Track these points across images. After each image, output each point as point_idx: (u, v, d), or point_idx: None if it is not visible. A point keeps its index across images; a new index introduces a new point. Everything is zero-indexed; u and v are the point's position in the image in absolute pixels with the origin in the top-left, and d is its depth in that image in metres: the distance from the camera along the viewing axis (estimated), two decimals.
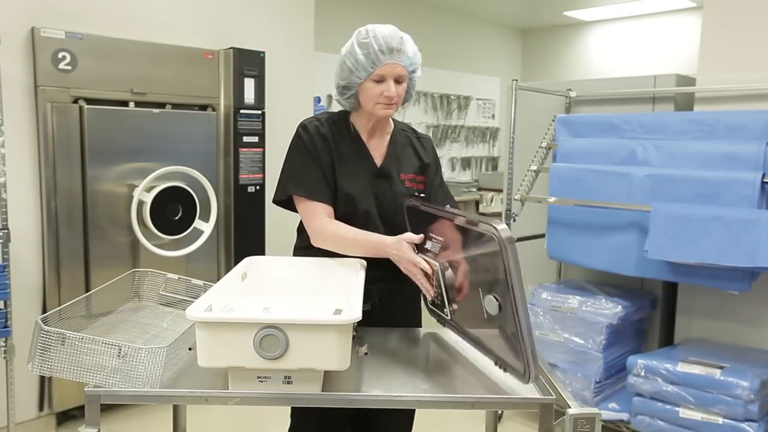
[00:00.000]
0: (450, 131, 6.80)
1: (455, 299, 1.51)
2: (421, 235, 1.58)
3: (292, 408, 1.82)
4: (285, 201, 1.80)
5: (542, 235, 3.17)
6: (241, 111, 3.46)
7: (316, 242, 1.74)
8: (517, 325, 1.25)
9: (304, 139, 1.76)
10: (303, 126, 1.78)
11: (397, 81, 1.68)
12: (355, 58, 1.66)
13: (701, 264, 2.48)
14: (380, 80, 1.66)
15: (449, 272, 1.48)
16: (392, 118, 1.87)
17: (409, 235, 1.58)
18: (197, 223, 3.28)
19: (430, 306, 1.67)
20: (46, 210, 2.94)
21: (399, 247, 1.57)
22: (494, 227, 1.28)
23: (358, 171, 1.76)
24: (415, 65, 1.72)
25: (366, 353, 1.51)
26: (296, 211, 1.80)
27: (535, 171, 3.13)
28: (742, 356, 2.66)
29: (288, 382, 1.28)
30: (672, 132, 2.80)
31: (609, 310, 2.85)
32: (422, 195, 1.81)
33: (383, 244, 1.61)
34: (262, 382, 1.28)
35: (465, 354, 1.58)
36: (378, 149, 1.81)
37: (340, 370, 1.27)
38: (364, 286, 1.52)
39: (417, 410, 1.88)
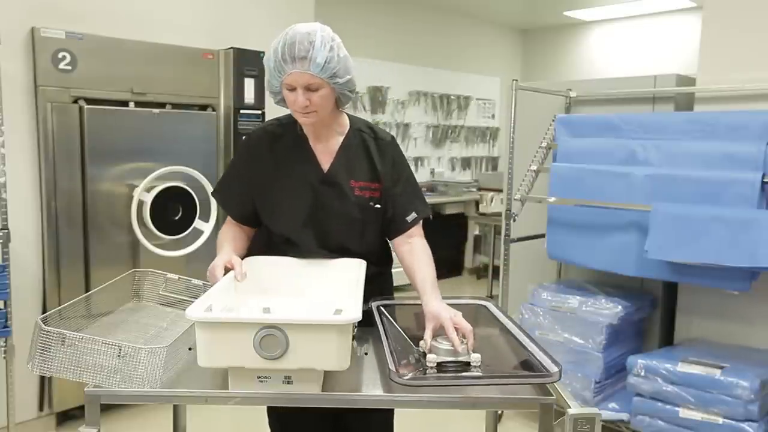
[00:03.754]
0: (450, 131, 6.80)
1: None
2: (236, 263, 1.59)
3: (268, 411, 1.82)
4: None
5: (542, 235, 3.17)
6: (241, 111, 3.46)
7: None
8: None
9: (240, 152, 1.78)
10: (248, 135, 1.79)
11: (310, 89, 1.55)
12: (269, 66, 1.59)
13: (701, 264, 2.48)
14: (291, 89, 1.56)
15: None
16: (349, 116, 1.78)
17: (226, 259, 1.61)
18: (197, 223, 3.27)
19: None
20: (46, 210, 2.94)
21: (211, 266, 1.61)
22: None
23: (301, 177, 1.70)
24: (330, 71, 1.54)
25: (366, 353, 1.51)
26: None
27: (535, 171, 3.13)
28: (742, 356, 2.66)
29: (288, 382, 1.28)
30: (672, 132, 2.79)
31: (609, 310, 2.85)
32: (377, 206, 1.71)
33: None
34: (262, 382, 1.28)
35: None
36: (326, 153, 1.71)
37: (340, 371, 1.27)
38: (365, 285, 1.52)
39: (417, 410, 1.87)
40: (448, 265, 6.46)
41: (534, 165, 3.14)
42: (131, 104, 3.17)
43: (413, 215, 1.73)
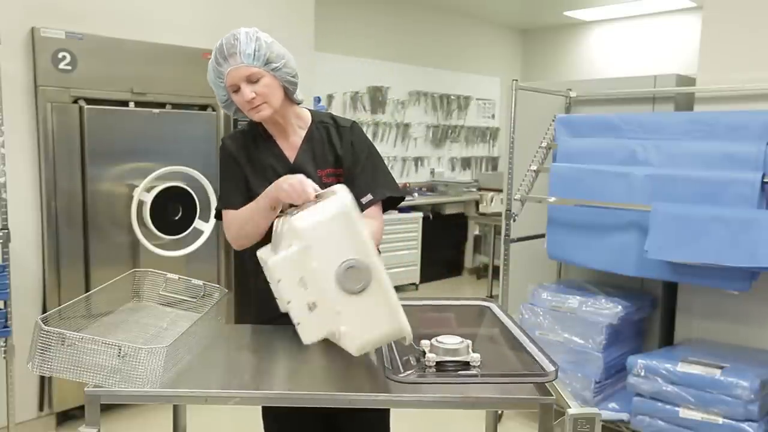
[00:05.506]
0: (450, 131, 6.80)
1: None
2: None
3: (264, 413, 1.82)
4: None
5: (542, 235, 3.17)
6: None
7: (234, 246, 1.74)
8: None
9: (222, 156, 1.80)
10: (221, 143, 1.83)
11: (251, 81, 1.63)
12: (210, 79, 1.69)
13: (701, 264, 2.48)
14: (236, 89, 1.64)
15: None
16: (311, 111, 1.84)
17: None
18: (197, 223, 3.27)
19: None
20: (46, 210, 2.94)
21: (285, 179, 1.54)
22: None
23: (271, 173, 1.73)
24: (263, 58, 1.63)
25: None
26: None
27: (535, 171, 3.12)
28: (742, 356, 2.66)
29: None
30: (672, 132, 2.79)
31: (609, 310, 2.85)
32: None
33: (268, 191, 1.60)
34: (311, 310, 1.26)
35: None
36: (291, 147, 1.78)
37: (338, 369, 1.26)
38: None
39: (417, 410, 1.88)
40: (448, 265, 6.46)
41: (534, 165, 3.14)
42: (131, 104, 3.17)
43: (368, 197, 1.73)
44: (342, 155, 1.77)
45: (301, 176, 1.54)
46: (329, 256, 1.23)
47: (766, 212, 2.38)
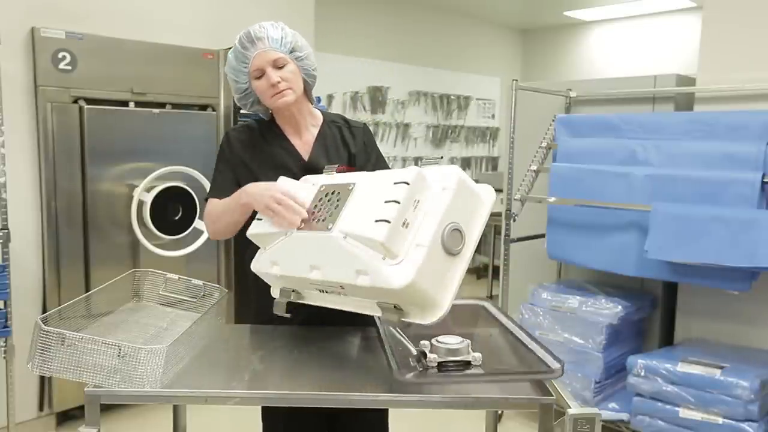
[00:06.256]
0: (450, 131, 6.80)
1: None
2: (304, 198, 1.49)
3: (263, 412, 1.82)
4: None
5: (542, 235, 3.17)
6: (241, 111, 3.45)
7: (210, 233, 1.74)
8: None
9: (223, 147, 1.80)
10: (226, 134, 1.82)
11: (277, 66, 1.66)
12: (231, 67, 1.71)
13: (701, 264, 2.48)
14: (260, 75, 1.66)
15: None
16: (322, 111, 1.86)
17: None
18: (197, 223, 3.27)
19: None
20: (46, 210, 2.95)
21: (267, 193, 1.50)
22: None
23: (282, 168, 1.73)
24: (288, 45, 1.69)
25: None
26: None
27: (535, 171, 3.12)
28: (742, 356, 2.66)
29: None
30: (672, 132, 2.79)
31: (609, 310, 2.85)
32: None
33: (244, 197, 1.57)
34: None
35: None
36: (305, 144, 1.78)
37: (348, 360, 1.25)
38: None
39: (417, 410, 1.88)
40: None
41: (534, 165, 3.13)
42: (131, 104, 3.17)
43: None
44: (356, 154, 1.80)
45: (285, 189, 1.50)
46: (456, 213, 1.30)
47: (766, 212, 2.38)
